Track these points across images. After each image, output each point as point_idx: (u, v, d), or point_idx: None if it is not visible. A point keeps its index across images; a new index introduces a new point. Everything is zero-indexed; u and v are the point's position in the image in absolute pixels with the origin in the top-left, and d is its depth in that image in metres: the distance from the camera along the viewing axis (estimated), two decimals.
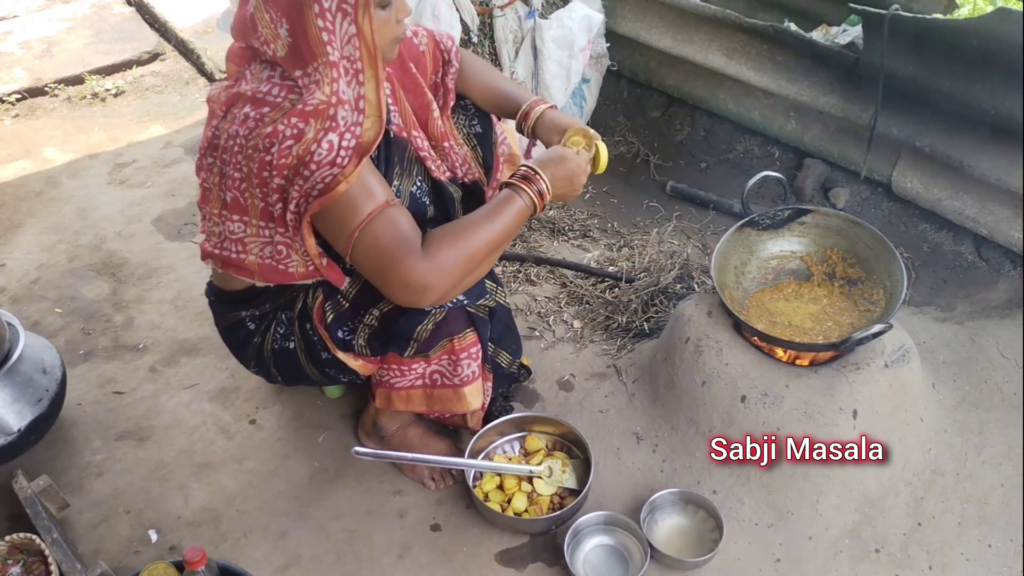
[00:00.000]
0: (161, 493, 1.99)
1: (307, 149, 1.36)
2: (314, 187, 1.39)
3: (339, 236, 1.44)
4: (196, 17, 4.30)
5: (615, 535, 1.83)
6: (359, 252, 1.43)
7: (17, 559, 1.69)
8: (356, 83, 1.38)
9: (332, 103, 1.36)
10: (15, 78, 3.90)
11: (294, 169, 1.38)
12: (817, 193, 2.74)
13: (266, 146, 1.38)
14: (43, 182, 3.19)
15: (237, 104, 1.46)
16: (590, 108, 3.00)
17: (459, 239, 1.46)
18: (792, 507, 1.82)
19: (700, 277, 2.42)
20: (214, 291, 1.80)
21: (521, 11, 2.67)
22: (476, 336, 1.73)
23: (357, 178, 1.39)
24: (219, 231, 1.57)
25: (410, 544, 1.86)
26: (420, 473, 1.98)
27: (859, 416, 1.78)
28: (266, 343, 1.78)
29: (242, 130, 1.42)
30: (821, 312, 1.91)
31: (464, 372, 1.74)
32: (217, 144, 1.49)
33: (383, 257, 1.41)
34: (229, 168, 1.47)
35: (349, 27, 1.35)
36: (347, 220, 1.41)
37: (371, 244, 1.42)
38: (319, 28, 1.33)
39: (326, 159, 1.36)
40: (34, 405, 1.91)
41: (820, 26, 2.70)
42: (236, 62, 1.53)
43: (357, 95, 1.39)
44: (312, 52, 1.35)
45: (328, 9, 1.33)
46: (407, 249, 1.41)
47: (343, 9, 1.33)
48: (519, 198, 1.53)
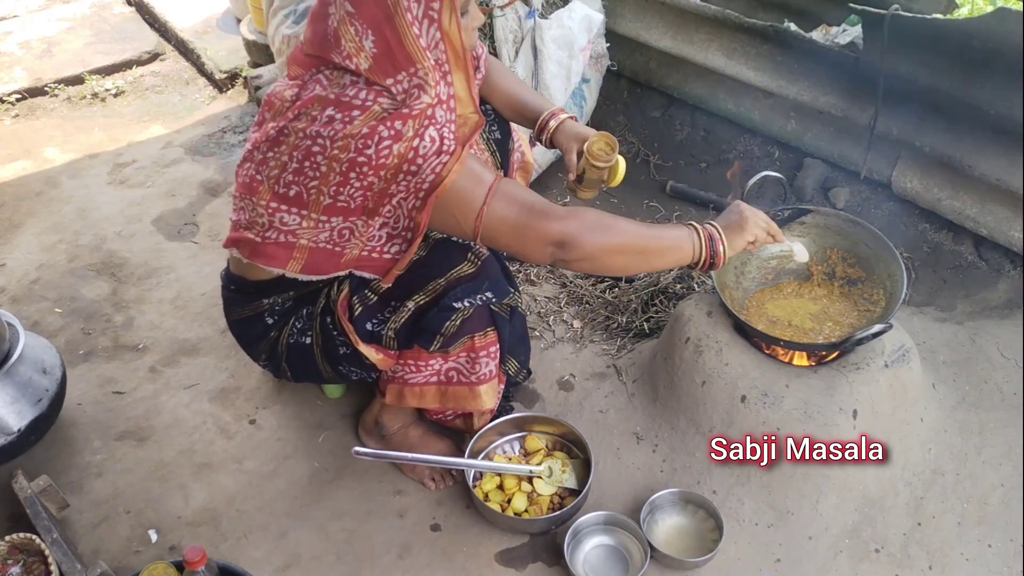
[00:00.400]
0: (161, 493, 1.99)
1: (409, 146, 1.41)
2: (424, 180, 1.43)
3: (463, 224, 1.50)
4: (196, 17, 4.30)
5: (615, 535, 1.83)
6: (489, 231, 1.50)
7: (17, 559, 1.69)
8: (445, 83, 1.46)
9: (433, 104, 1.43)
10: (15, 78, 3.90)
11: (396, 168, 1.43)
12: (817, 193, 2.74)
13: (359, 147, 1.42)
14: (43, 182, 3.19)
15: (314, 106, 1.47)
16: (590, 108, 3.00)
17: (607, 217, 1.54)
18: (792, 507, 1.82)
19: (700, 277, 2.42)
20: (234, 280, 1.78)
21: (521, 11, 2.67)
22: (496, 335, 1.75)
23: (464, 166, 1.44)
24: (263, 222, 1.57)
25: (410, 544, 1.87)
26: (420, 473, 1.98)
27: (859, 416, 1.78)
28: (282, 337, 1.78)
29: (325, 131, 1.44)
30: (821, 312, 1.91)
31: (482, 370, 1.77)
32: (281, 141, 1.51)
33: (515, 228, 1.49)
34: (302, 165, 1.48)
35: (435, 33, 1.43)
36: (467, 207, 1.47)
37: (499, 221, 1.48)
38: (415, 36, 1.40)
39: (432, 150, 1.42)
40: (34, 405, 1.91)
41: (820, 26, 2.70)
42: (302, 65, 1.55)
43: (448, 95, 1.47)
44: (408, 59, 1.41)
45: (416, 17, 1.40)
46: (538, 213, 1.48)
47: (429, 16, 1.41)
48: (688, 238, 1.57)
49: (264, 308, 1.76)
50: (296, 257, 1.60)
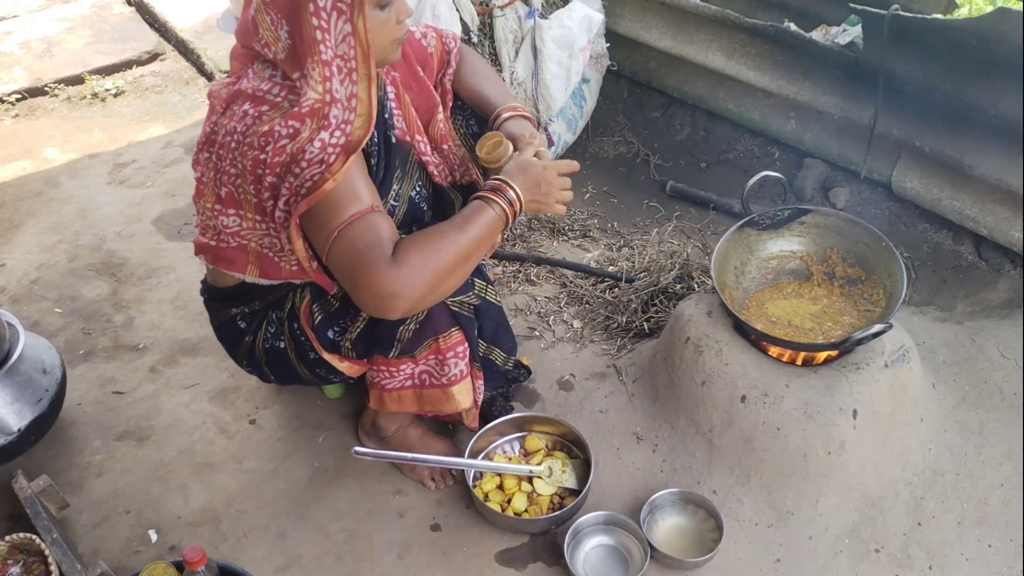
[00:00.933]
0: (161, 493, 1.99)
1: (300, 147, 1.37)
2: (303, 185, 1.40)
3: (320, 236, 1.44)
4: (196, 17, 4.30)
5: (615, 535, 1.83)
6: (335, 253, 1.42)
7: (17, 559, 1.69)
8: (349, 81, 1.39)
9: (326, 101, 1.38)
10: (15, 78, 3.90)
11: (286, 167, 1.39)
12: (817, 193, 2.74)
13: (261, 144, 1.40)
14: (43, 182, 3.19)
15: (237, 101, 1.47)
16: (590, 108, 3.00)
17: (429, 247, 1.43)
18: (792, 507, 1.82)
19: (700, 277, 2.42)
20: (207, 288, 1.82)
21: (521, 11, 2.67)
22: (462, 335, 1.71)
23: (344, 177, 1.39)
24: (213, 224, 1.58)
25: (410, 544, 1.86)
26: (420, 473, 1.98)
27: (859, 416, 1.78)
28: (257, 342, 1.78)
29: (239, 126, 1.43)
30: (821, 312, 1.91)
31: (451, 371, 1.73)
32: (215, 140, 1.50)
33: (355, 261, 1.40)
34: (225, 163, 1.48)
35: (344, 26, 1.36)
36: (329, 220, 1.41)
37: (347, 246, 1.40)
38: (313, 27, 1.34)
39: (316, 157, 1.38)
40: (34, 405, 1.91)
41: (820, 26, 2.70)
42: (240, 61, 1.54)
43: (350, 93, 1.40)
44: (307, 51, 1.36)
45: (323, 8, 1.34)
46: (379, 255, 1.39)
47: (338, 8, 1.34)
48: (490, 208, 1.51)
49: (234, 313, 1.77)
50: (252, 261, 1.60)
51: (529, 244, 2.72)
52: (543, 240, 2.74)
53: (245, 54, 1.52)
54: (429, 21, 2.42)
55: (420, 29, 1.83)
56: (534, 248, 2.70)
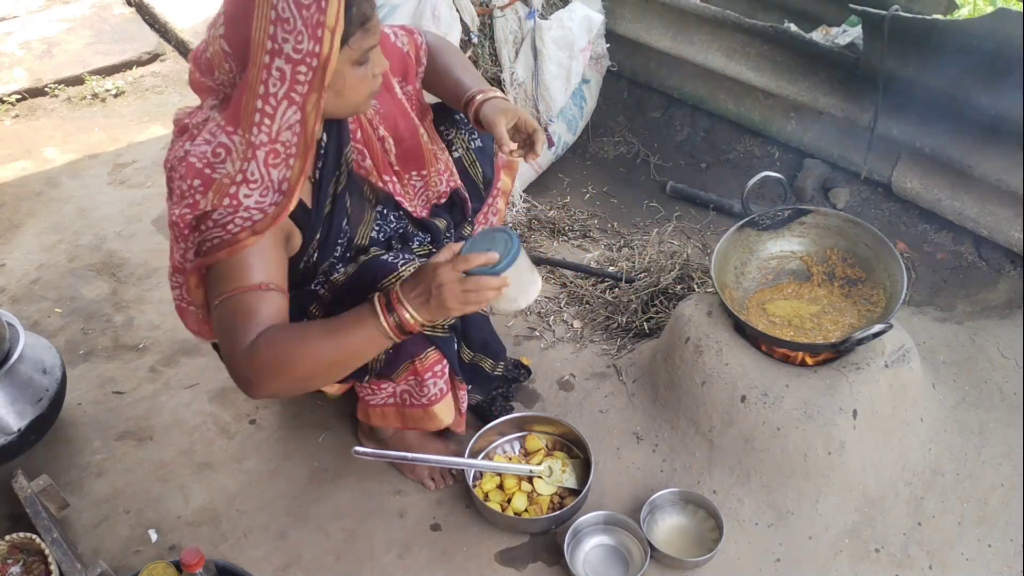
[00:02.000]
0: (161, 493, 1.99)
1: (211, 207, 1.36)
2: (203, 243, 1.39)
3: (210, 294, 1.43)
4: (196, 17, 4.30)
5: (615, 535, 1.83)
6: (213, 320, 1.43)
7: (17, 559, 1.69)
8: (286, 167, 1.38)
9: (236, 181, 1.36)
10: (15, 78, 3.90)
11: (197, 219, 1.39)
12: (817, 193, 2.74)
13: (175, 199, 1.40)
14: (43, 182, 3.19)
15: (184, 135, 1.46)
16: (590, 108, 3.01)
17: (285, 349, 1.36)
18: (792, 507, 1.82)
19: (702, 279, 2.42)
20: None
21: (521, 12, 2.67)
22: (439, 354, 1.66)
23: (243, 252, 1.38)
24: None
25: (410, 544, 1.86)
26: (420, 473, 1.98)
27: (859, 416, 1.78)
28: None
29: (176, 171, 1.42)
30: (821, 312, 1.91)
31: (431, 392, 1.70)
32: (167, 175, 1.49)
33: (222, 336, 1.40)
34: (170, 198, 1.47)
35: (294, 115, 1.33)
36: (214, 286, 1.42)
37: (220, 318, 1.40)
38: (255, 109, 1.32)
39: (220, 221, 1.37)
40: (34, 405, 1.92)
41: (820, 26, 2.71)
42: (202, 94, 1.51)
43: (282, 177, 1.38)
44: (240, 121, 1.35)
45: (273, 94, 1.31)
46: (241, 337, 1.36)
47: (290, 97, 1.32)
48: (372, 324, 1.38)
49: None
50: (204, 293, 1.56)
51: (529, 244, 2.72)
52: (543, 240, 2.74)
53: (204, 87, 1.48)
54: (429, 22, 2.42)
55: (388, 29, 1.76)
56: (534, 248, 2.70)
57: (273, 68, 1.30)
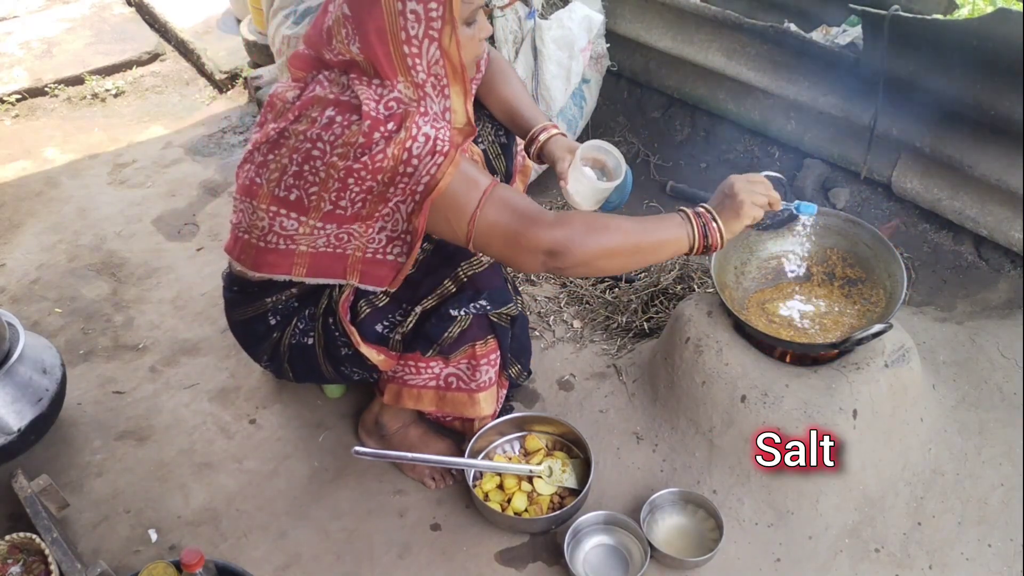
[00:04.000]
0: (161, 493, 1.99)
1: (403, 147, 1.40)
2: (419, 183, 1.42)
3: (456, 228, 1.47)
4: (196, 17, 4.31)
5: (615, 535, 1.83)
6: (481, 238, 1.47)
7: (17, 558, 1.69)
8: (442, 97, 1.48)
9: (420, 112, 1.42)
10: (15, 78, 3.90)
11: (392, 171, 1.41)
12: (817, 193, 2.74)
13: (357, 154, 1.41)
14: (43, 182, 3.19)
15: (314, 107, 1.47)
16: (590, 108, 3.00)
17: (598, 218, 1.51)
18: (792, 507, 1.82)
19: (702, 279, 2.42)
20: (236, 281, 1.77)
21: (521, 12, 2.67)
22: (496, 343, 1.75)
23: (458, 168, 1.42)
24: (263, 225, 1.57)
25: (410, 543, 1.86)
26: (420, 472, 1.98)
27: (859, 416, 1.78)
28: (285, 338, 1.77)
29: (325, 134, 1.43)
30: (821, 312, 1.91)
31: (482, 378, 1.77)
32: (282, 143, 1.50)
33: (506, 236, 1.45)
34: (301, 168, 1.48)
35: (435, 51, 1.43)
36: (460, 211, 1.45)
37: (491, 227, 1.45)
38: (404, 53, 1.41)
39: (425, 149, 1.40)
40: (34, 405, 1.91)
41: (820, 26, 2.70)
42: (302, 67, 1.55)
43: (443, 107, 1.48)
44: (396, 70, 1.42)
45: (415, 36, 1.40)
46: (529, 220, 1.44)
47: (429, 35, 1.40)
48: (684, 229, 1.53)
49: (267, 307, 1.75)
50: (298, 263, 1.60)
51: None
52: None
53: (309, 60, 1.54)
54: None
55: None
56: None
57: (408, 12, 1.38)
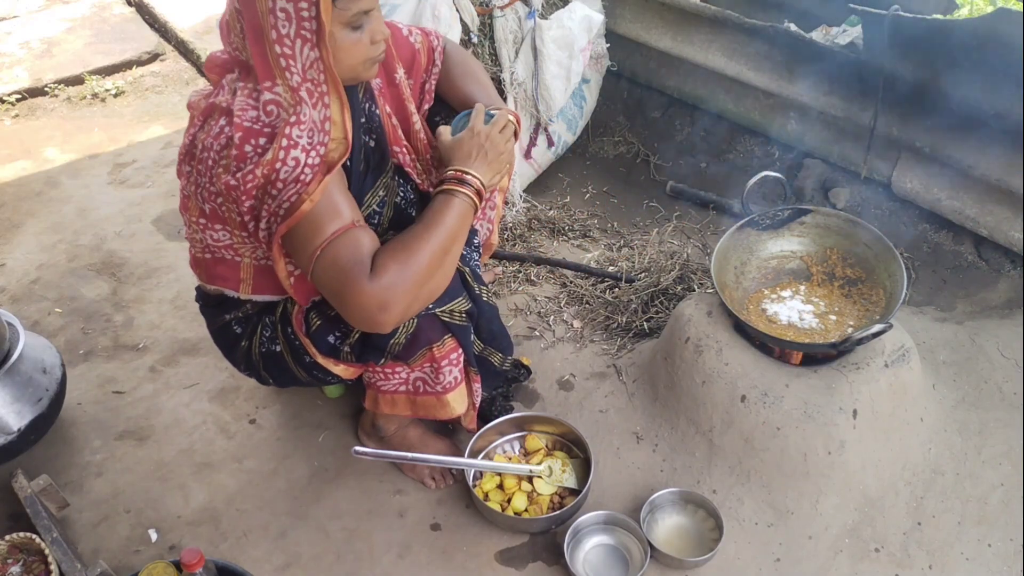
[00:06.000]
0: (161, 493, 1.99)
1: (272, 168, 1.37)
2: (281, 206, 1.40)
3: (302, 254, 1.44)
4: (196, 17, 4.30)
5: (615, 534, 1.83)
6: (319, 271, 1.42)
7: (17, 558, 1.69)
8: (322, 105, 1.40)
9: (291, 123, 1.37)
10: (15, 78, 3.91)
11: (262, 188, 1.39)
12: (817, 193, 2.74)
13: (232, 168, 1.39)
14: (43, 182, 3.19)
15: (213, 115, 1.46)
16: (590, 108, 3.00)
17: (402, 253, 1.43)
18: (792, 507, 1.82)
19: (702, 279, 2.42)
20: (200, 295, 1.81)
21: (521, 11, 2.67)
22: (455, 341, 1.70)
23: (322, 196, 1.39)
24: (201, 238, 1.58)
25: (410, 543, 1.86)
26: (420, 473, 1.98)
27: (859, 416, 1.78)
28: (254, 347, 1.76)
29: (215, 144, 1.43)
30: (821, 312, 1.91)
31: (446, 379, 1.73)
32: (194, 153, 1.50)
33: (340, 278, 1.41)
34: (204, 180, 1.48)
35: (311, 52, 1.36)
36: (311, 239, 1.41)
37: (331, 264, 1.41)
38: (277, 54, 1.34)
39: (291, 176, 1.37)
40: (34, 405, 1.92)
41: (820, 26, 2.70)
42: (216, 72, 1.53)
43: (323, 117, 1.40)
44: (272, 72, 1.37)
45: (287, 35, 1.34)
46: (362, 270, 1.40)
47: (302, 35, 1.34)
48: (456, 199, 1.50)
49: (229, 319, 1.76)
50: (243, 279, 1.61)
51: (529, 244, 2.72)
52: (543, 240, 2.75)
53: (221, 64, 1.51)
54: (429, 21, 2.42)
55: (404, 26, 1.80)
56: (534, 248, 2.70)
57: (277, 10, 1.32)
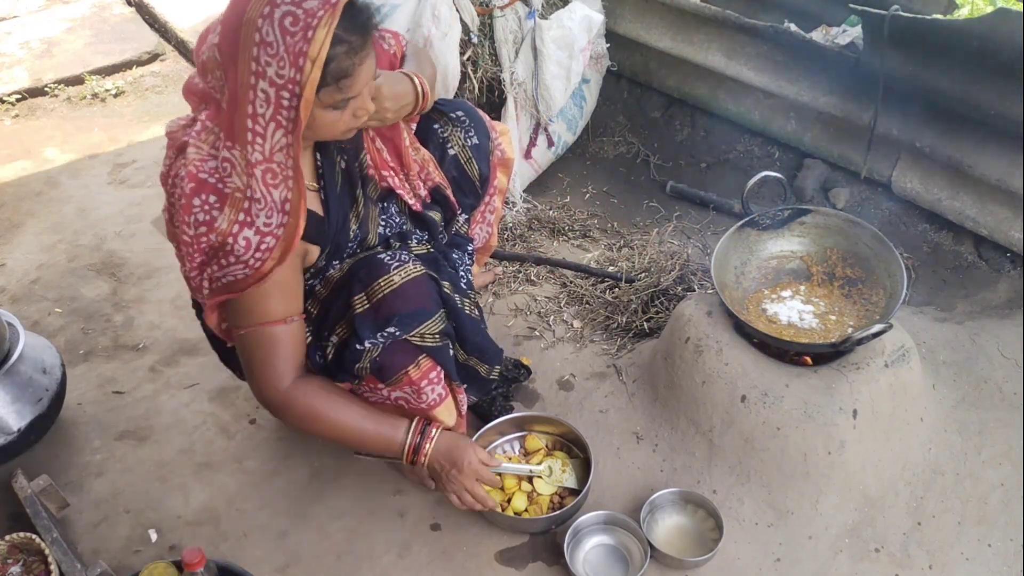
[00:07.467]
0: (161, 493, 1.99)
1: (223, 240, 1.37)
2: (224, 277, 1.41)
3: (231, 322, 1.51)
4: (196, 17, 4.30)
5: (615, 535, 1.83)
6: (239, 346, 1.53)
7: (17, 558, 1.69)
8: (285, 188, 1.38)
9: (247, 196, 1.36)
10: (15, 78, 3.91)
11: (212, 253, 1.40)
12: (817, 193, 2.74)
13: (183, 220, 1.39)
14: (43, 182, 3.19)
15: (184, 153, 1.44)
16: (590, 108, 3.00)
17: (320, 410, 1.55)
18: (792, 507, 1.82)
19: (702, 280, 2.42)
20: (195, 304, 1.81)
21: (521, 11, 2.67)
22: (431, 360, 1.63)
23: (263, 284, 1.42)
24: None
25: (410, 544, 1.86)
26: (420, 473, 1.97)
27: (859, 416, 1.78)
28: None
29: (176, 191, 1.42)
30: (821, 312, 1.91)
31: (429, 397, 1.67)
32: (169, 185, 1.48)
33: (252, 367, 1.53)
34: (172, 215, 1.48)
35: (282, 138, 1.34)
36: (241, 315, 1.48)
37: (247, 348, 1.51)
38: (247, 127, 1.33)
39: (242, 256, 1.38)
40: (34, 405, 1.92)
41: (820, 26, 2.70)
42: (193, 100, 1.51)
43: (283, 198, 1.38)
44: (236, 137, 1.35)
45: (261, 115, 1.32)
46: (271, 373, 1.51)
47: (277, 120, 1.32)
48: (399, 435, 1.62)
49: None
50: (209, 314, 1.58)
51: (529, 244, 2.72)
52: (543, 240, 2.75)
53: (199, 93, 1.47)
54: (429, 22, 2.42)
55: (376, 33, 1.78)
56: (534, 248, 2.70)
57: (259, 89, 1.30)
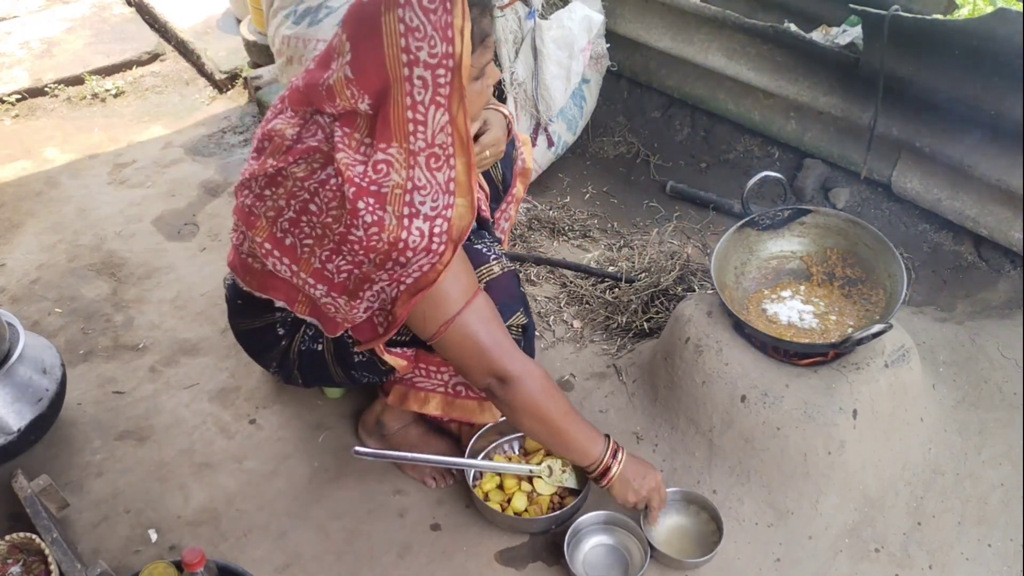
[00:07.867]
0: (161, 493, 1.99)
1: (397, 236, 1.37)
2: (409, 275, 1.42)
3: (427, 324, 1.49)
4: (196, 17, 4.30)
5: (615, 535, 1.83)
6: (448, 342, 1.51)
7: (17, 558, 1.69)
8: (447, 167, 1.40)
9: (407, 188, 1.37)
10: (15, 78, 3.90)
11: (385, 254, 1.39)
12: (817, 193, 2.74)
13: (349, 223, 1.38)
14: (43, 182, 3.19)
15: (315, 157, 1.43)
16: (590, 108, 3.00)
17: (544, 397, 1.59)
18: (792, 507, 1.82)
19: (702, 280, 2.42)
20: (241, 295, 1.74)
21: (521, 11, 2.67)
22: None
23: (450, 270, 1.42)
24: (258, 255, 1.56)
25: (410, 543, 1.86)
26: (420, 472, 1.98)
27: (859, 416, 1.78)
28: (294, 345, 1.76)
29: (322, 191, 1.41)
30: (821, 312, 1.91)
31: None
32: (279, 183, 1.47)
33: (476, 350, 1.52)
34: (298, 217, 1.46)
35: (442, 117, 1.36)
36: (438, 311, 1.47)
37: (464, 337, 1.50)
38: (408, 119, 1.35)
39: (421, 245, 1.39)
40: (34, 405, 1.91)
41: (820, 26, 2.70)
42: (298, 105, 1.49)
43: (448, 178, 1.41)
44: (392, 135, 1.36)
45: (421, 102, 1.34)
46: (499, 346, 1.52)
47: (436, 101, 1.34)
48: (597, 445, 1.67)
49: (276, 320, 1.74)
50: (301, 300, 1.60)
51: (529, 244, 2.72)
52: (543, 240, 2.75)
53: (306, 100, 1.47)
54: None
55: None
56: (534, 248, 2.70)
57: (414, 78, 1.32)
